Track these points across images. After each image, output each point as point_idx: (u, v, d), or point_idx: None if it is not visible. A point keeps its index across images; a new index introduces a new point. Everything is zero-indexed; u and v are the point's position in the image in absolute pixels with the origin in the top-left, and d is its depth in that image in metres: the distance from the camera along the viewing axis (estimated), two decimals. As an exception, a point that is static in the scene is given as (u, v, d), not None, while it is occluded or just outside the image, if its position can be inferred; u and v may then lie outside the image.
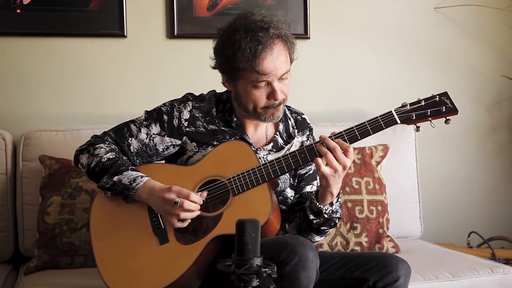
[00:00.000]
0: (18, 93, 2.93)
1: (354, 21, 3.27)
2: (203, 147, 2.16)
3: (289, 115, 2.32)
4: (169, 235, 2.05)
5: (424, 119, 2.05)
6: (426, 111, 2.05)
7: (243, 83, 2.09)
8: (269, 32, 2.05)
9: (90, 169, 2.12)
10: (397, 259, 2.07)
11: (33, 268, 2.54)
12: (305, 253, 1.86)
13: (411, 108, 2.05)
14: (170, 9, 3.03)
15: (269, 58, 2.04)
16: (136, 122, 2.19)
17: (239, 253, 1.42)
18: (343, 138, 2.06)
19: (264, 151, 2.19)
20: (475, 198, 3.45)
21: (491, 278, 2.50)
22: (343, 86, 3.27)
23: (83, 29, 2.95)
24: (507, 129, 3.47)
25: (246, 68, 2.05)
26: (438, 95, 2.06)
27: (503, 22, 3.40)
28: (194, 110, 2.18)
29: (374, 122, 2.06)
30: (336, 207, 2.11)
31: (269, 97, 2.09)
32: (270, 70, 2.04)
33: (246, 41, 2.03)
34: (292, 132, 2.28)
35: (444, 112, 2.05)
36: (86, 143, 2.19)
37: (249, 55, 2.03)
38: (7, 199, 2.72)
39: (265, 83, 2.07)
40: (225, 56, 2.09)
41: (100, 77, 3.01)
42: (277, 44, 2.06)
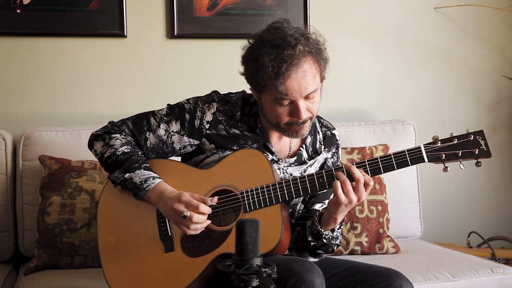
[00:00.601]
0: (18, 93, 2.93)
1: (354, 21, 3.27)
2: (222, 149, 2.08)
3: (319, 129, 2.22)
4: (175, 244, 2.02)
5: (454, 160, 1.93)
6: (457, 152, 1.94)
7: (267, 98, 2.00)
8: (296, 50, 1.93)
9: (104, 159, 2.07)
10: (402, 279, 2.01)
11: (33, 268, 2.54)
12: (312, 281, 1.83)
13: (442, 146, 1.94)
14: (170, 9, 3.03)
15: (293, 77, 1.92)
16: (156, 116, 2.11)
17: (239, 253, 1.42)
18: (365, 169, 1.96)
19: (285, 163, 2.12)
20: (475, 198, 3.45)
21: (491, 278, 2.50)
22: (343, 86, 3.27)
23: (83, 29, 2.95)
24: (507, 129, 3.47)
25: (268, 86, 1.95)
26: (472, 133, 1.94)
27: (503, 22, 3.40)
28: (218, 113, 2.10)
29: (400, 156, 1.95)
30: (337, 234, 2.07)
31: (292, 115, 1.99)
32: (293, 90, 1.94)
33: (271, 58, 1.92)
34: (318, 148, 2.19)
35: (476, 155, 1.93)
36: (102, 129, 2.12)
37: (271, 74, 1.92)
38: (7, 199, 2.72)
39: (289, 101, 1.97)
40: (249, 70, 2.00)
41: (100, 77, 3.01)
42: (304, 62, 1.95)
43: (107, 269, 2.07)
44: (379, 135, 3.04)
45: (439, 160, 1.94)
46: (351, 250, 2.73)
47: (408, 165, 1.95)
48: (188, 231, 1.96)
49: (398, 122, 3.09)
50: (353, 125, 3.06)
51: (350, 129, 3.04)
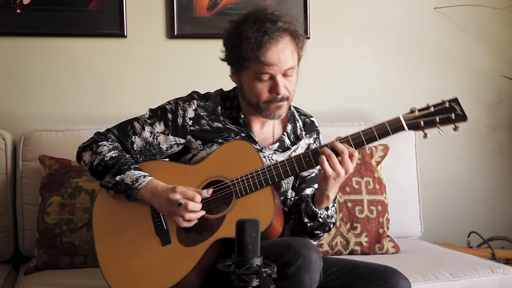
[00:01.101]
0: (18, 93, 2.93)
1: (354, 21, 3.27)
2: (208, 145, 2.14)
3: (298, 117, 2.30)
4: (172, 236, 2.05)
5: (433, 126, 2.00)
6: (435, 117, 2.00)
7: (248, 75, 2.08)
8: (277, 25, 2.04)
9: (93, 167, 2.11)
10: (399, 276, 2.04)
11: (33, 268, 2.54)
12: (309, 255, 1.85)
13: (420, 114, 2.00)
14: (170, 9, 3.03)
15: (274, 49, 2.03)
16: (140, 120, 2.17)
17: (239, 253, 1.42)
18: (348, 143, 2.02)
19: (269, 150, 2.18)
20: (475, 198, 3.45)
21: (491, 278, 2.50)
22: (343, 86, 3.27)
23: (83, 29, 2.95)
24: (507, 129, 3.47)
25: (250, 57, 2.04)
26: (448, 101, 2.00)
27: (503, 22, 3.40)
28: (199, 108, 2.17)
29: (381, 127, 2.02)
30: (331, 212, 2.10)
31: (271, 91, 2.07)
32: (274, 62, 2.03)
33: (253, 30, 2.03)
34: (299, 134, 2.27)
35: (453, 120, 1.99)
36: (89, 140, 2.17)
37: (254, 44, 2.02)
38: (7, 199, 2.72)
39: (269, 76, 2.06)
40: (232, 45, 2.09)
41: (100, 77, 3.01)
42: (284, 38, 2.06)
43: (107, 271, 2.08)
44: (379, 135, 3.04)
45: (418, 127, 2.00)
46: (351, 250, 2.73)
47: (389, 134, 2.02)
48: (182, 223, 1.99)
49: (398, 122, 3.09)
50: (353, 125, 3.06)
51: (350, 129, 2.99)
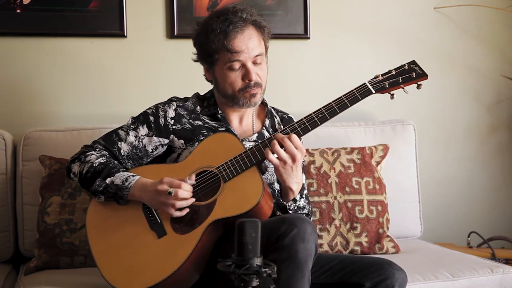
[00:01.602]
0: (18, 93, 2.93)
1: (354, 21, 3.27)
2: (190, 143, 2.21)
3: (275, 113, 2.39)
4: (166, 228, 2.08)
5: (397, 86, 2.16)
6: (397, 78, 2.15)
7: (219, 67, 2.18)
8: (239, 16, 2.16)
9: (82, 176, 2.15)
10: (394, 267, 2.08)
11: (33, 268, 2.54)
12: (303, 226, 1.89)
13: (383, 78, 2.16)
14: (170, 9, 3.03)
15: (240, 37, 2.14)
16: (123, 127, 2.26)
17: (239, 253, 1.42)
18: (322, 114, 2.11)
19: (249, 142, 2.25)
20: (475, 198, 3.45)
21: (491, 278, 2.50)
22: (343, 86, 3.25)
23: (83, 29, 2.95)
24: (507, 129, 3.47)
25: (218, 48, 2.14)
26: (406, 63, 2.19)
27: (503, 22, 3.40)
28: (179, 108, 2.25)
29: (350, 95, 2.14)
30: (302, 203, 2.15)
31: (244, 79, 2.16)
32: (241, 49, 2.14)
33: (217, 22, 2.15)
34: (278, 128, 2.34)
35: (414, 78, 2.16)
36: (76, 153, 2.24)
37: (220, 35, 2.13)
38: (7, 199, 2.72)
39: (240, 64, 2.15)
40: (200, 41, 2.20)
41: (100, 77, 3.01)
42: (248, 27, 2.17)
43: (106, 273, 2.09)
44: (379, 135, 3.04)
45: (384, 88, 2.15)
46: (351, 250, 2.73)
47: (359, 99, 2.15)
48: (174, 212, 2.03)
49: (398, 122, 3.09)
50: (353, 125, 3.06)
51: (350, 129, 3.04)
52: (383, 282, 2.04)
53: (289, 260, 1.86)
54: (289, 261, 1.86)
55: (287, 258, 1.86)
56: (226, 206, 2.04)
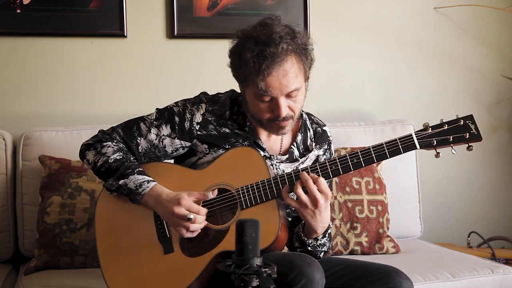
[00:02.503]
0: (18, 93, 2.93)
1: (354, 21, 3.27)
2: (214, 149, 2.09)
3: (309, 126, 2.23)
4: (174, 245, 2.02)
5: (446, 145, 1.94)
6: (448, 137, 1.94)
7: (249, 92, 2.03)
8: (279, 48, 1.93)
9: (97, 168, 2.08)
10: (401, 276, 2.01)
11: (33, 268, 2.54)
12: (312, 275, 1.83)
13: (433, 132, 1.94)
14: (170, 9, 3.03)
15: (274, 75, 1.94)
16: (146, 121, 2.12)
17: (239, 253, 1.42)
18: (358, 160, 1.95)
19: (277, 159, 2.13)
20: (475, 198, 3.45)
21: (491, 278, 2.50)
22: (343, 86, 3.27)
23: (83, 29, 2.95)
24: (507, 129, 3.47)
25: (249, 81, 1.98)
26: (462, 118, 1.94)
27: (503, 22, 3.40)
28: (207, 113, 2.11)
29: (393, 145, 1.96)
30: (323, 241, 2.08)
31: (273, 112, 2.00)
32: (273, 88, 1.95)
33: (253, 54, 1.94)
34: (309, 145, 2.20)
35: (467, 139, 1.93)
36: (93, 139, 2.13)
37: (252, 70, 1.94)
38: (7, 199, 2.72)
39: (270, 97, 1.98)
40: (233, 61, 2.03)
41: (100, 77, 3.01)
42: (287, 61, 1.95)
43: (108, 274, 2.07)
44: (379, 135, 3.04)
45: (431, 146, 1.95)
46: (351, 250, 2.73)
47: (400, 153, 1.95)
48: (186, 234, 1.97)
49: (398, 122, 3.09)
50: (353, 125, 3.06)
51: (350, 129, 3.04)
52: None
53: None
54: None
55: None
56: None
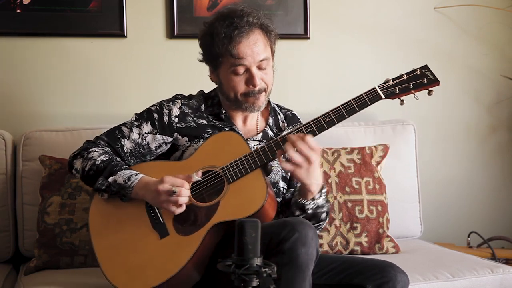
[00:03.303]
0: (18, 93, 2.93)
1: (354, 21, 3.27)
2: (195, 141, 2.20)
3: (279, 111, 2.37)
4: (169, 228, 2.07)
5: (408, 92, 2.10)
6: (408, 84, 2.10)
7: (224, 70, 2.15)
8: (246, 20, 2.12)
9: (85, 173, 2.14)
10: (397, 270, 2.06)
11: (33, 268, 2.54)
12: (305, 230, 1.87)
13: (394, 82, 2.10)
14: (170, 9, 3.03)
15: (245, 42, 2.10)
16: (127, 124, 2.23)
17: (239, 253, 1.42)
18: (330, 118, 2.07)
19: (254, 141, 2.24)
20: (475, 198, 3.45)
21: (491, 278, 2.50)
22: (343, 86, 3.27)
23: (83, 29, 2.95)
24: (507, 129, 3.47)
25: (223, 52, 2.11)
26: (418, 68, 2.12)
27: (503, 22, 3.40)
28: (184, 106, 2.23)
29: (359, 99, 2.08)
30: (321, 202, 2.12)
31: (247, 83, 2.14)
32: (246, 54, 2.10)
33: (223, 26, 2.11)
34: (282, 126, 2.33)
35: (426, 84, 2.10)
36: (79, 149, 2.21)
37: (224, 40, 2.10)
38: (7, 199, 2.72)
39: (244, 69, 2.13)
40: (206, 43, 2.17)
41: (100, 77, 3.01)
42: (254, 32, 2.13)
43: (107, 270, 2.09)
44: (379, 135, 3.04)
45: (394, 94, 2.10)
46: (351, 250, 2.73)
47: (368, 104, 2.09)
48: (175, 210, 2.01)
49: (398, 122, 3.10)
50: (353, 125, 3.06)
51: (350, 129, 3.04)
52: (385, 284, 2.03)
53: (290, 265, 1.85)
54: (290, 265, 1.85)
55: (288, 262, 1.85)
56: (229, 208, 2.03)
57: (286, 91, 3.16)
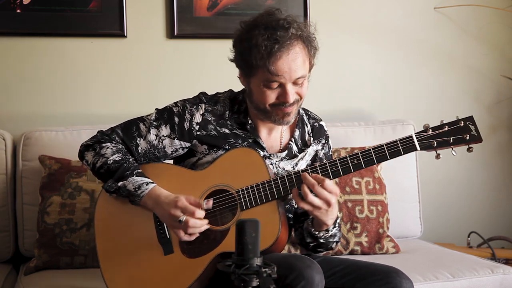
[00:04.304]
0: (18, 93, 2.93)
1: (354, 21, 3.27)
2: (214, 149, 2.10)
3: (306, 121, 2.26)
4: (174, 246, 2.02)
5: (446, 147, 1.95)
6: (448, 138, 1.95)
7: (256, 81, 2.03)
8: (288, 32, 1.98)
9: (96, 169, 2.08)
10: (402, 276, 2.01)
11: (33, 268, 2.54)
12: (311, 276, 1.83)
13: (433, 134, 1.95)
14: (170, 9, 3.03)
15: (284, 59, 1.97)
16: (145, 122, 2.12)
17: (239, 253, 1.42)
18: (358, 161, 1.96)
19: (277, 157, 2.14)
20: (475, 198, 3.45)
21: (491, 278, 2.50)
22: (343, 86, 3.27)
23: (83, 29, 2.95)
24: (507, 129, 3.47)
25: (259, 65, 1.98)
26: (462, 120, 1.95)
27: (503, 22, 3.40)
28: (207, 113, 2.11)
29: (393, 146, 1.96)
30: (334, 232, 2.08)
31: (279, 98, 2.03)
32: (283, 72, 1.98)
33: (264, 38, 1.97)
34: (307, 140, 2.22)
35: (467, 141, 1.94)
36: (92, 139, 2.13)
37: (264, 53, 1.97)
38: (7, 199, 2.72)
39: (278, 84, 2.01)
40: (241, 50, 2.04)
41: (100, 77, 3.01)
42: (295, 46, 1.99)
43: (107, 275, 2.06)
44: (379, 135, 3.04)
45: (431, 147, 1.96)
46: (351, 250, 2.73)
47: (400, 154, 1.97)
48: (183, 237, 1.96)
49: (398, 122, 3.10)
50: (353, 125, 3.06)
51: (350, 129, 3.04)
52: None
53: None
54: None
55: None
56: None
57: (286, 91, 3.16)
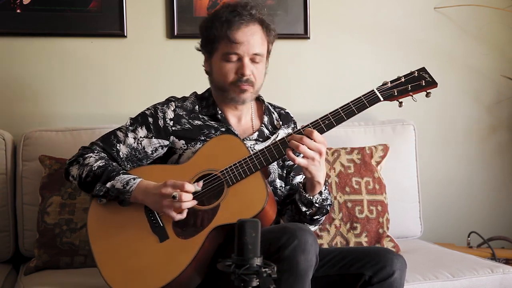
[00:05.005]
0: (18, 93, 2.93)
1: (354, 21, 3.27)
2: (192, 143, 2.20)
3: (272, 110, 2.39)
4: (168, 232, 2.06)
5: (406, 94, 2.14)
6: (407, 86, 2.12)
7: (217, 57, 2.18)
8: (249, 11, 2.16)
9: (82, 180, 2.13)
10: (392, 253, 2.08)
11: (33, 268, 2.54)
12: (304, 237, 1.87)
13: (392, 85, 2.14)
14: (170, 9, 3.03)
15: (243, 29, 2.14)
16: (122, 129, 2.23)
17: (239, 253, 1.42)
18: (329, 121, 2.09)
19: (250, 140, 2.24)
20: (475, 198, 3.45)
21: (491, 278, 2.50)
22: (343, 86, 3.27)
23: (83, 29, 2.95)
24: (507, 129, 3.47)
25: (220, 35, 2.14)
26: (416, 70, 2.14)
27: (503, 22, 3.40)
28: (178, 109, 2.24)
29: (358, 101, 2.11)
30: (325, 195, 2.14)
31: (237, 72, 2.16)
32: (242, 41, 2.13)
33: (226, 12, 2.16)
34: (277, 124, 2.34)
35: (424, 86, 2.12)
36: (75, 155, 2.20)
37: (224, 23, 2.14)
38: (7, 199, 2.72)
39: (237, 57, 2.15)
40: (205, 25, 2.21)
41: (100, 77, 3.01)
42: (254, 24, 2.17)
43: (107, 274, 2.08)
44: (379, 135, 3.04)
45: (393, 96, 2.14)
46: (351, 250, 2.73)
47: (366, 107, 2.12)
48: (176, 215, 2.00)
49: (398, 122, 3.10)
50: (353, 125, 3.06)
51: (350, 129, 3.04)
52: (383, 269, 2.04)
53: (289, 272, 1.85)
54: (289, 272, 1.85)
55: (287, 269, 1.85)
56: (229, 211, 2.02)
57: (286, 91, 3.16)
